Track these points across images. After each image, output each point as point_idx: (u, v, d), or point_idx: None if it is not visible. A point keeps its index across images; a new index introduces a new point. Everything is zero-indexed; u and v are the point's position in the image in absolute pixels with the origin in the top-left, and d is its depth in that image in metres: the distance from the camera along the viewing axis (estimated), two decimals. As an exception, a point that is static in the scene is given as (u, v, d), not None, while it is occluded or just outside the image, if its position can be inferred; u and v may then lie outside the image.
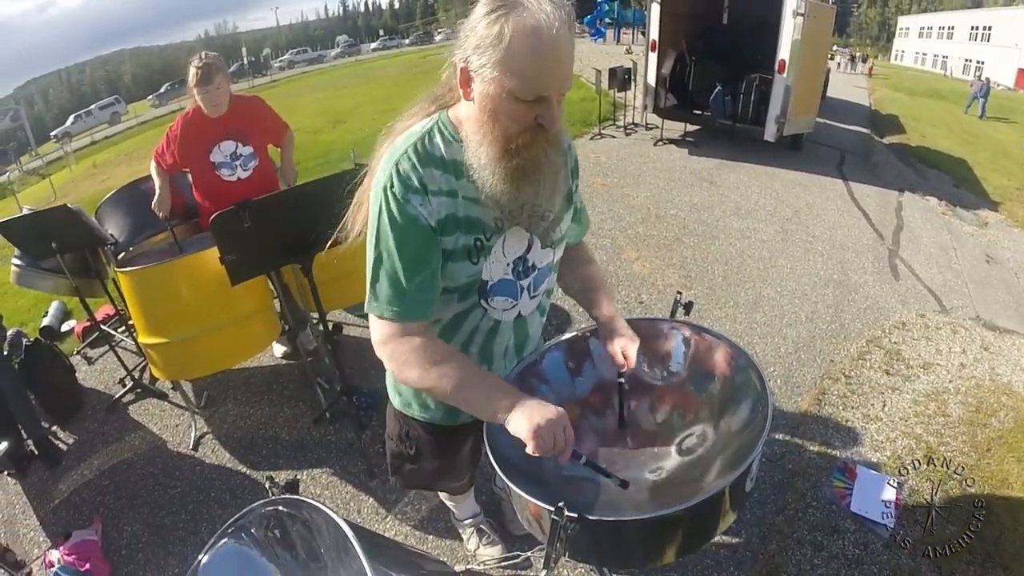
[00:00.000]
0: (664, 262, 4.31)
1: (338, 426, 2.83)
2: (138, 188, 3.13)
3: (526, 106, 0.94)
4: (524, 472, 1.20)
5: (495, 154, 0.98)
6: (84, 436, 2.96)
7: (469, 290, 1.16)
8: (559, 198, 1.14)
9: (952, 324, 3.52)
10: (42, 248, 2.69)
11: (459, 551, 2.31)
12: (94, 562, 2.25)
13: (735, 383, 1.26)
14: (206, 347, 2.49)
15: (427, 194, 1.04)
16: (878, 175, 6.25)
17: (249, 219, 1.99)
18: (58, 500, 2.63)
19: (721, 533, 1.64)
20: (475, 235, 1.10)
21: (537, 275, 1.23)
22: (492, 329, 1.24)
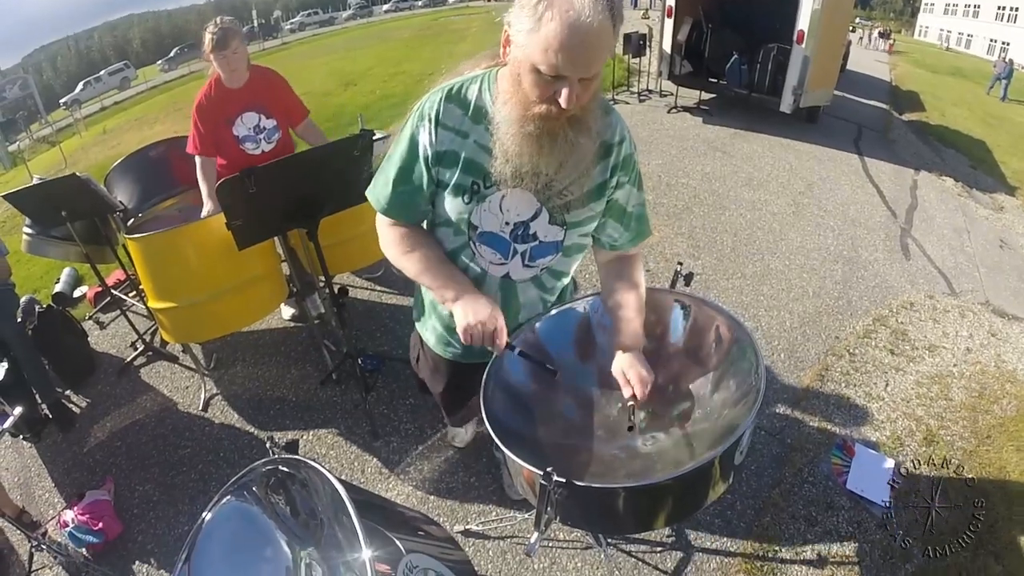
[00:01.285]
0: (673, 231, 4.13)
1: (344, 388, 2.81)
2: (147, 155, 3.07)
3: (545, 80, 0.96)
4: (522, 438, 1.19)
5: (515, 115, 1.02)
6: (97, 399, 2.96)
7: (460, 228, 1.21)
8: (583, 183, 1.14)
9: (961, 307, 3.36)
10: (52, 216, 2.65)
11: (459, 512, 2.29)
12: (107, 521, 2.26)
13: (731, 356, 1.22)
14: (214, 310, 2.47)
15: (438, 126, 1.12)
16: (895, 152, 5.95)
17: (254, 185, 1.96)
18: (72, 462, 2.65)
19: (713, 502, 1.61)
20: (473, 178, 1.15)
21: (538, 247, 1.22)
22: (479, 276, 1.27)
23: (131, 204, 2.94)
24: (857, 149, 5.83)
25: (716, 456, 0.97)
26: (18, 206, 2.73)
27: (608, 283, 1.32)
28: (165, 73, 29.02)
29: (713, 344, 1.27)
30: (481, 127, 1.11)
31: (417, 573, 1.02)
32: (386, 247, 1.28)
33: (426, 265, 1.22)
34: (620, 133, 1.18)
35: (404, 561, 1.01)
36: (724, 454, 0.98)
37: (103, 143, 12.87)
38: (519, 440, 1.16)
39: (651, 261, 3.78)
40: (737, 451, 1.03)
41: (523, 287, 1.29)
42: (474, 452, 2.47)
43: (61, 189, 2.60)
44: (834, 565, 2.05)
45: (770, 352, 3.01)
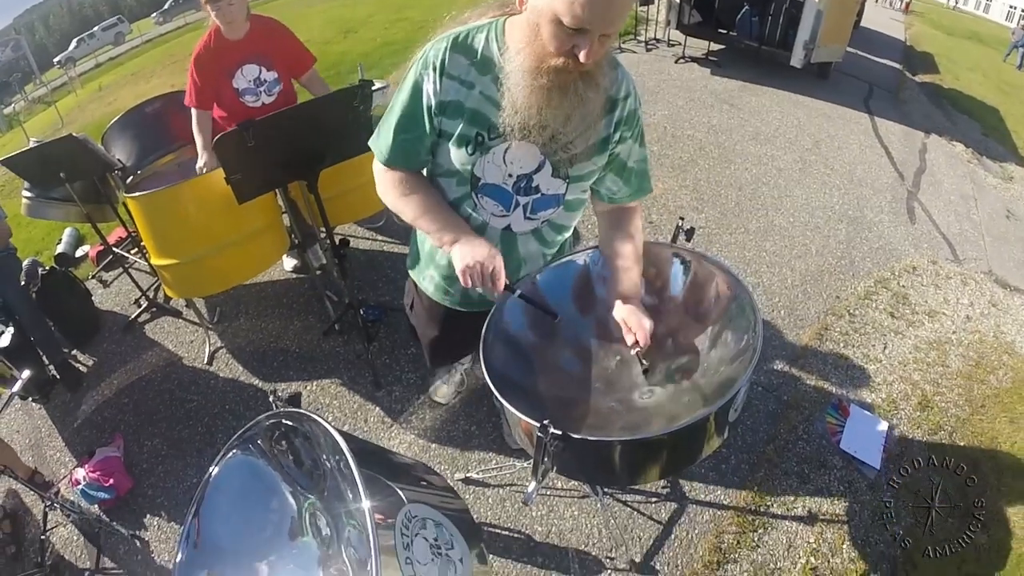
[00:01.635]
0: (677, 183, 3.97)
1: (346, 338, 2.78)
2: (143, 111, 3.02)
3: (566, 33, 0.93)
4: (521, 389, 1.19)
5: (528, 66, 0.99)
6: (103, 357, 2.94)
7: (463, 178, 1.19)
8: (587, 137, 1.12)
9: (963, 275, 3.30)
10: (51, 178, 2.62)
11: (460, 460, 2.28)
12: (117, 477, 2.27)
13: (730, 313, 1.21)
14: (216, 265, 2.46)
15: (442, 75, 1.08)
16: (906, 113, 5.74)
17: (253, 139, 1.93)
18: (81, 420, 2.64)
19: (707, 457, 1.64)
20: (477, 129, 1.12)
21: (540, 199, 1.20)
22: (480, 228, 1.24)
23: (130, 161, 2.90)
24: (867, 108, 5.62)
25: (711, 413, 0.97)
26: (16, 170, 2.68)
27: (606, 233, 1.31)
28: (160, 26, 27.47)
29: (712, 300, 1.25)
30: (487, 78, 1.08)
31: (416, 523, 0.98)
32: (383, 191, 1.26)
33: (424, 208, 1.20)
34: (626, 88, 1.15)
35: (404, 511, 0.98)
36: (719, 411, 0.98)
37: (99, 100, 12.28)
38: (517, 391, 1.16)
39: (654, 213, 3.65)
40: (732, 408, 1.02)
41: (524, 239, 1.27)
42: (475, 401, 2.44)
43: (58, 150, 2.55)
44: (824, 523, 2.05)
45: (770, 309, 2.95)
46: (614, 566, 1.95)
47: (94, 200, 2.88)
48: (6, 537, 2.20)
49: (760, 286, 3.09)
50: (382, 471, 1.09)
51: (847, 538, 2.01)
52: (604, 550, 1.99)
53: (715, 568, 1.94)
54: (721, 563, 1.95)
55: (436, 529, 1.02)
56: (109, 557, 2.13)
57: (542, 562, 1.97)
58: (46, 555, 2.09)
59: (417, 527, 0.98)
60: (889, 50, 8.22)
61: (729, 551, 1.98)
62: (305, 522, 1.16)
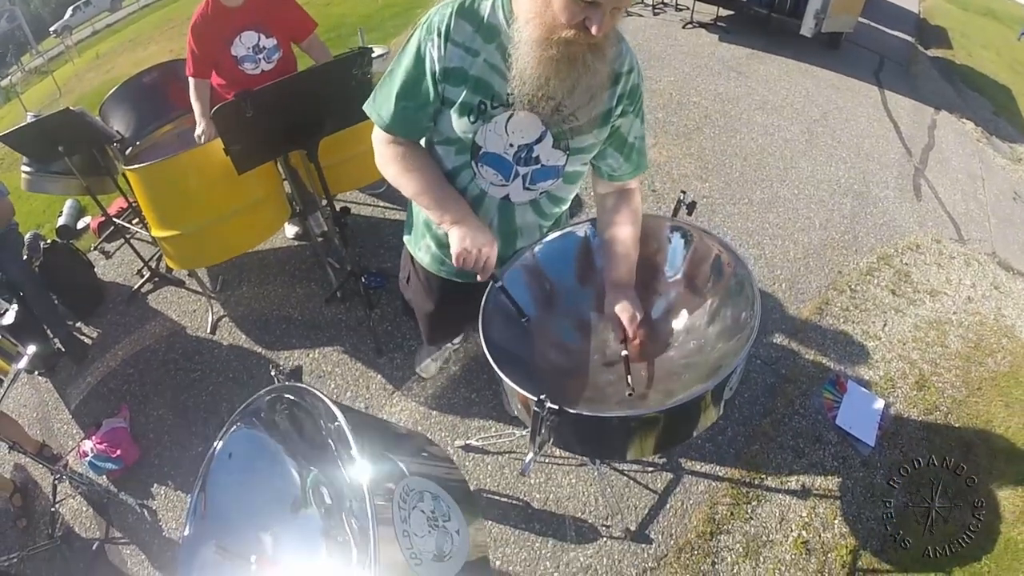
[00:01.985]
0: (682, 151, 3.85)
1: (348, 305, 2.75)
2: (140, 81, 2.96)
3: (579, 5, 0.91)
4: (519, 361, 1.18)
5: (537, 37, 0.96)
6: (107, 329, 2.92)
7: (463, 147, 1.16)
8: (591, 109, 1.10)
9: (967, 255, 3.25)
10: (49, 153, 2.57)
11: (460, 427, 2.27)
12: (124, 447, 2.28)
13: (729, 290, 1.19)
14: (218, 236, 2.43)
15: (447, 41, 1.05)
16: (916, 88, 5.56)
17: (251, 109, 1.89)
18: (87, 392, 2.63)
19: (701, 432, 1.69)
20: (480, 97, 1.09)
21: (540, 170, 1.19)
22: (478, 197, 1.23)
23: (128, 132, 2.85)
24: (877, 81, 5.44)
25: (706, 391, 0.97)
26: (14, 145, 2.63)
27: (605, 216, 1.29)
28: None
29: (712, 276, 1.24)
30: (492, 46, 1.05)
31: (413, 496, 0.97)
32: (383, 165, 1.23)
33: (425, 185, 1.19)
34: (630, 63, 1.13)
35: (402, 483, 0.97)
36: (713, 389, 0.98)
37: (97, 68, 11.78)
38: (516, 362, 1.16)
39: (657, 181, 3.54)
40: (727, 387, 1.02)
41: (521, 210, 1.26)
42: (475, 369, 2.42)
43: (56, 125, 2.50)
44: (816, 498, 2.05)
45: (771, 281, 2.90)
46: (609, 534, 1.95)
47: (94, 172, 2.84)
48: (17, 511, 2.22)
49: (762, 258, 3.03)
50: (381, 443, 1.09)
51: (839, 513, 2.02)
52: (600, 518, 1.99)
53: (708, 538, 1.94)
54: (714, 533, 1.96)
55: (433, 501, 1.01)
56: (118, 527, 2.15)
57: (539, 528, 1.98)
58: (56, 527, 2.12)
59: (415, 500, 0.97)
60: (902, 22, 7.93)
61: (722, 522, 1.99)
62: (308, 493, 1.16)
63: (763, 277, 2.91)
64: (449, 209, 1.17)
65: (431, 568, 0.91)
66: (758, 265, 2.98)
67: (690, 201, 1.41)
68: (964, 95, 5.89)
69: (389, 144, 1.21)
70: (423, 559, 0.91)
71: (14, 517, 2.21)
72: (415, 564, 0.88)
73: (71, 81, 11.46)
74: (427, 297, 1.56)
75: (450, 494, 1.06)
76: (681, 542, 1.93)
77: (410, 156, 1.20)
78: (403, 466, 1.03)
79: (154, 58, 3.22)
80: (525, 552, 1.93)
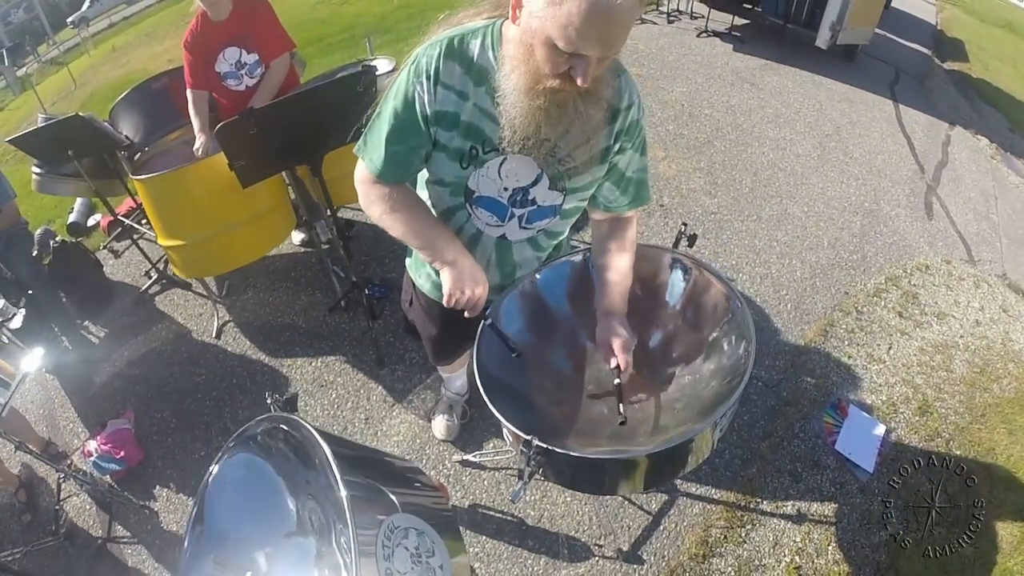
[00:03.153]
0: (692, 164, 3.77)
1: (352, 315, 2.73)
2: (150, 87, 2.96)
3: (561, 56, 0.85)
4: (512, 391, 1.17)
5: (523, 86, 0.91)
6: (114, 329, 2.91)
7: (457, 190, 1.12)
8: (588, 150, 1.04)
9: (976, 277, 3.14)
10: (59, 156, 2.58)
11: (459, 442, 2.24)
12: (128, 449, 2.28)
13: (726, 327, 1.16)
14: (223, 246, 2.44)
15: (436, 84, 0.99)
16: (931, 102, 5.40)
17: (255, 127, 1.90)
18: (93, 392, 2.63)
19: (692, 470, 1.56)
20: (472, 143, 1.04)
21: (536, 211, 1.15)
22: (474, 237, 1.20)
23: (137, 137, 2.85)
24: (892, 95, 5.30)
25: (692, 436, 0.95)
26: (24, 149, 2.65)
27: (599, 243, 1.25)
28: (175, -17, 26.10)
29: (710, 311, 1.21)
30: (482, 90, 0.99)
31: (398, 533, 0.97)
32: (367, 205, 1.17)
33: (414, 227, 1.14)
34: (629, 98, 1.06)
35: (387, 522, 0.96)
36: (704, 432, 0.96)
37: (112, 61, 11.68)
38: (510, 392, 1.14)
39: (666, 196, 3.47)
40: (717, 428, 0.99)
41: (519, 247, 1.23)
42: (474, 385, 2.34)
43: (65, 130, 2.52)
44: (812, 523, 2.00)
45: (777, 301, 2.83)
46: (602, 553, 1.92)
47: (103, 175, 2.84)
48: (22, 506, 2.23)
49: (768, 277, 2.95)
50: (371, 474, 1.08)
51: (833, 539, 1.96)
52: (594, 537, 1.96)
53: (700, 560, 1.90)
54: (707, 556, 1.91)
55: (418, 537, 0.99)
56: (121, 526, 2.15)
57: (533, 546, 1.95)
58: (60, 523, 2.12)
59: (399, 537, 0.96)
60: (919, 33, 7.72)
61: (715, 545, 1.94)
62: (304, 519, 1.15)
63: (768, 297, 2.84)
64: (440, 250, 1.13)
65: None
66: (764, 284, 2.91)
67: (691, 234, 1.36)
68: (980, 110, 5.71)
69: (374, 184, 1.14)
70: None
71: (19, 512, 2.22)
72: None
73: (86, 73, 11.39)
74: (430, 321, 1.52)
75: (435, 528, 1.05)
76: (673, 564, 1.89)
77: (396, 195, 1.14)
78: (392, 499, 1.02)
79: (169, 53, 3.23)
80: (518, 568, 1.90)
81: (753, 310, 2.77)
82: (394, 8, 8.02)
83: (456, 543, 1.08)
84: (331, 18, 8.03)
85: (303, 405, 2.43)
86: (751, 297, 2.83)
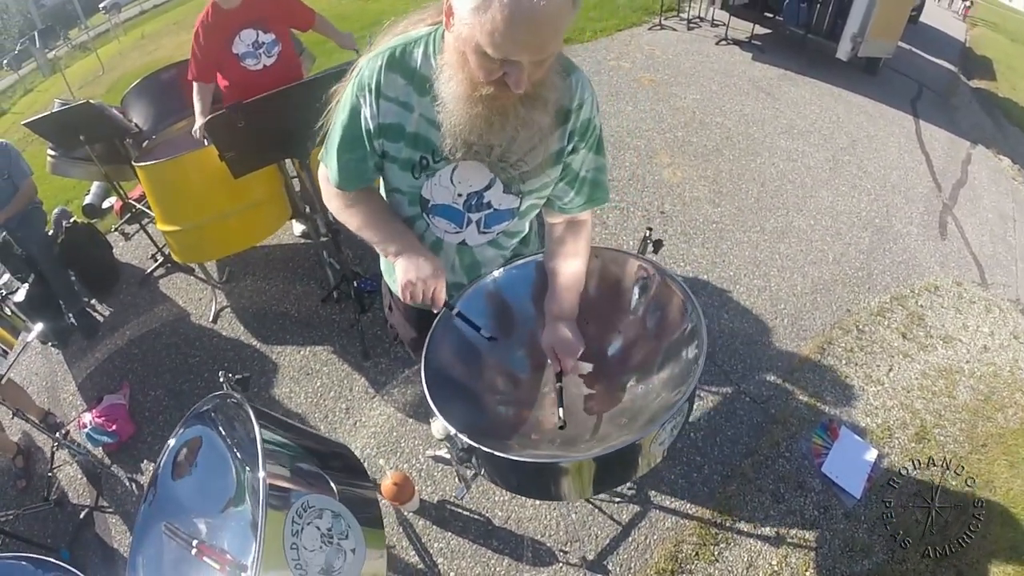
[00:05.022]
0: (697, 172, 3.60)
1: (343, 307, 2.70)
2: (159, 78, 3.00)
3: (493, 63, 0.80)
4: (463, 389, 1.12)
5: (461, 94, 0.87)
6: (118, 308, 2.94)
7: (413, 199, 1.08)
8: (539, 154, 0.99)
9: (988, 301, 2.92)
10: (71, 140, 2.62)
11: (434, 438, 2.13)
12: (120, 423, 2.29)
13: (682, 338, 1.07)
14: (218, 233, 2.46)
15: (379, 97, 0.96)
16: (954, 120, 5.09)
17: (243, 119, 1.93)
18: (94, 367, 2.64)
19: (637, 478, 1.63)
20: (421, 153, 1.00)
21: (493, 215, 1.09)
22: (435, 244, 1.14)
23: (146, 126, 2.89)
24: (913, 110, 5.01)
25: (621, 447, 0.89)
26: (37, 132, 2.69)
27: (552, 246, 1.18)
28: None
29: (668, 321, 1.13)
30: (427, 99, 0.93)
31: (311, 512, 0.98)
32: (328, 200, 1.14)
33: (367, 220, 1.10)
34: (580, 97, 0.99)
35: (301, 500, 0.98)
36: (635, 445, 0.89)
37: (141, 48, 11.74)
38: (459, 390, 1.10)
39: (668, 202, 3.32)
40: (655, 442, 0.92)
41: (480, 250, 1.17)
42: None
43: (76, 116, 2.56)
44: (790, 547, 1.85)
45: (773, 315, 2.66)
46: (567, 560, 1.81)
47: (114, 161, 2.86)
48: (18, 472, 2.26)
49: (767, 290, 2.78)
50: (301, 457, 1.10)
51: (812, 565, 1.81)
52: (559, 543, 1.85)
53: (669, 577, 1.77)
54: (675, 572, 1.79)
55: (333, 519, 1.01)
56: (108, 497, 2.15)
57: (497, 546, 1.86)
58: (52, 491, 2.14)
59: (312, 516, 0.98)
60: (946, 50, 7.33)
61: (685, 561, 1.81)
62: (243, 490, 1.19)
63: (765, 310, 2.68)
64: (392, 241, 1.07)
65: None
66: (761, 297, 2.74)
67: (656, 239, 1.28)
68: (1004, 130, 5.36)
69: (334, 197, 1.13)
70: (309, 571, 0.90)
71: (15, 477, 2.23)
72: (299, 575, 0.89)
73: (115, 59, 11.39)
74: (409, 325, 1.47)
75: (355, 516, 1.05)
76: (640, 579, 1.77)
77: (355, 199, 1.10)
78: (312, 481, 1.04)
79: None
80: (480, 568, 1.81)
81: (747, 323, 2.61)
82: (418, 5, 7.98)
83: (375, 532, 1.07)
84: (355, 14, 7.98)
85: (288, 392, 2.39)
86: (747, 309, 2.67)
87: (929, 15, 8.65)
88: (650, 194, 3.39)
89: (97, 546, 2.00)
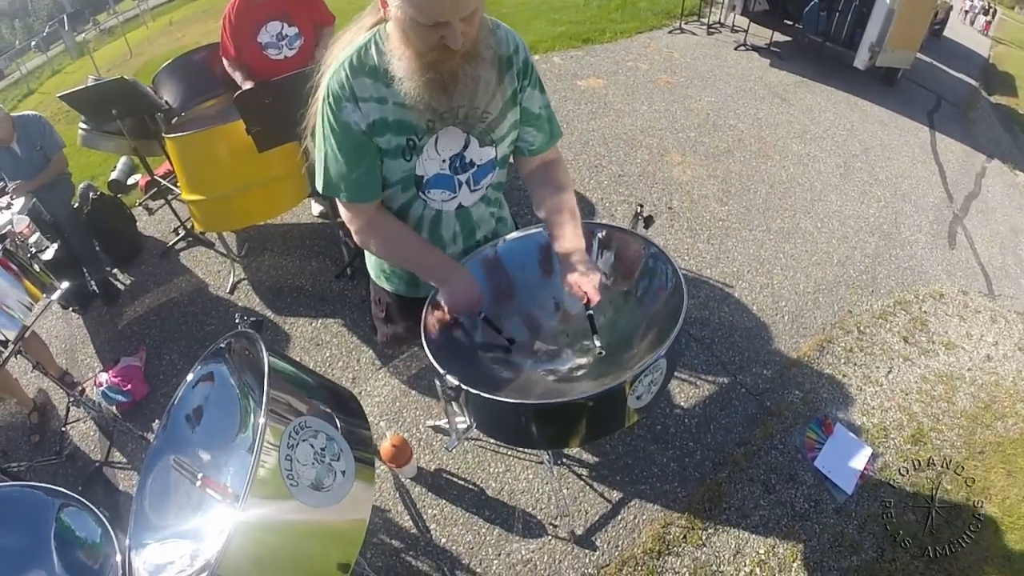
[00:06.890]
0: (707, 172, 3.55)
1: (356, 283, 2.74)
2: (191, 59, 3.02)
3: (429, 29, 0.89)
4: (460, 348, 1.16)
5: (412, 66, 0.94)
6: (140, 278, 2.99)
7: (407, 183, 1.13)
8: (496, 100, 1.08)
9: (994, 312, 2.83)
10: (103, 114, 2.68)
11: (435, 409, 2.17)
12: (135, 384, 2.33)
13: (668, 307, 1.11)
14: (239, 204, 2.50)
15: (357, 101, 1.02)
16: (971, 133, 4.94)
17: (270, 96, 2.02)
18: (112, 332, 2.70)
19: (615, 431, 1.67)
20: (406, 135, 1.06)
21: (477, 171, 1.16)
22: (435, 218, 1.21)
23: (176, 103, 2.93)
24: (930, 122, 4.87)
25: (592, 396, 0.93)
26: (73, 105, 2.73)
27: (537, 192, 1.24)
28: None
29: (655, 294, 1.18)
30: (393, 87, 1.00)
31: (307, 431, 1.01)
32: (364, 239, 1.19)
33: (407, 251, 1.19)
34: (513, 41, 1.09)
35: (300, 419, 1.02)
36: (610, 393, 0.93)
37: (168, 34, 11.88)
38: (457, 349, 1.14)
39: (676, 199, 3.28)
40: (631, 394, 0.94)
41: (474, 209, 1.24)
42: None
43: (111, 90, 2.62)
44: (779, 537, 1.82)
45: (774, 312, 2.61)
46: (556, 533, 1.80)
47: (143, 135, 2.91)
48: (33, 427, 2.30)
49: (769, 287, 2.73)
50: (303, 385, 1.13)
51: (800, 557, 1.78)
52: (550, 516, 1.85)
53: (655, 556, 1.76)
54: (662, 553, 1.77)
55: (327, 441, 1.04)
56: (119, 452, 2.18)
57: (489, 516, 1.86)
58: (64, 446, 2.18)
59: (308, 435, 1.01)
60: (968, 64, 7.12)
61: (673, 543, 1.79)
62: (248, 419, 1.23)
63: (766, 306, 2.63)
64: (431, 272, 1.18)
65: (307, 493, 0.96)
66: (763, 294, 2.69)
67: (647, 215, 1.31)
68: (1023, 146, 5.18)
69: (357, 217, 1.15)
70: (300, 483, 0.95)
71: (29, 432, 2.27)
72: (291, 484, 0.93)
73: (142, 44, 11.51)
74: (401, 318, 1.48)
75: (349, 445, 1.07)
76: (626, 555, 1.76)
77: (380, 224, 1.16)
78: (312, 405, 1.07)
79: (222, 31, 3.24)
80: (471, 536, 1.81)
81: (747, 318, 2.57)
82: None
83: (366, 468, 1.09)
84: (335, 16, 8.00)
85: (298, 360, 2.40)
86: (748, 305, 2.63)
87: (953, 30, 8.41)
88: (659, 190, 3.35)
89: (106, 494, 2.03)
